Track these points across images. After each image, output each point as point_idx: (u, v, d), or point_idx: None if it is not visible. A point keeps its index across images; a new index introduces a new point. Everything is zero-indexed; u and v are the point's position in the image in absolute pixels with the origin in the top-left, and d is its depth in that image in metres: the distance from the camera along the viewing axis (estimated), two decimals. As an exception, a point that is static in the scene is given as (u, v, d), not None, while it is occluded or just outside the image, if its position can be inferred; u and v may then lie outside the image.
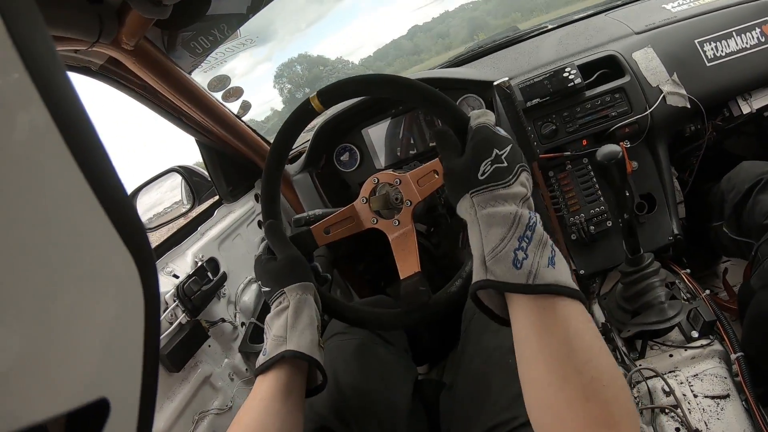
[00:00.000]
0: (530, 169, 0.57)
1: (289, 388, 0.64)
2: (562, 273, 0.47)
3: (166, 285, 1.00)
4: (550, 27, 1.47)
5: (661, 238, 1.23)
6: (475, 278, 0.50)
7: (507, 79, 1.04)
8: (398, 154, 1.35)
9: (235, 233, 1.19)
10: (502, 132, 0.57)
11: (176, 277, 1.01)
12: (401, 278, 0.73)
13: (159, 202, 1.29)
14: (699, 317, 1.00)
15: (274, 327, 0.68)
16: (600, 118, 1.19)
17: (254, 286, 1.17)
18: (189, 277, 1.01)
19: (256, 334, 1.11)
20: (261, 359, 0.65)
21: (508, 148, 0.54)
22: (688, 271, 1.16)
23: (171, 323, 0.90)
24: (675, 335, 1.03)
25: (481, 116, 0.59)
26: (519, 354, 0.48)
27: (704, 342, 0.98)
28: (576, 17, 1.46)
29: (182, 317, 0.80)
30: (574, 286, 0.47)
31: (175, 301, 0.92)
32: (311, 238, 0.80)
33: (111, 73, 1.02)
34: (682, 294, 1.09)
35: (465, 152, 0.57)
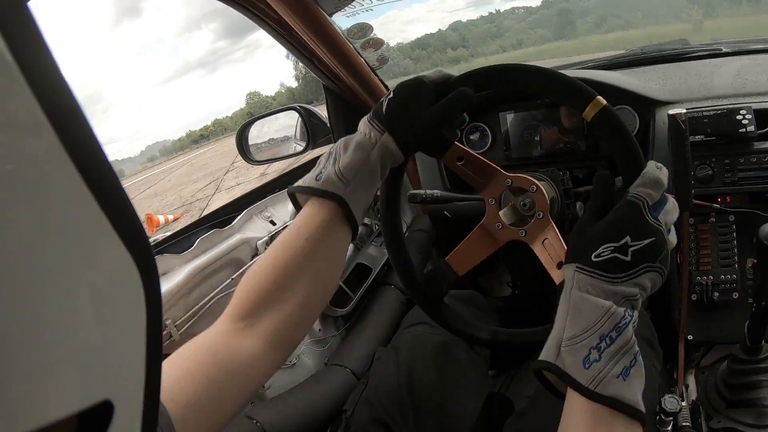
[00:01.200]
0: (680, 220, 0.52)
1: (327, 227, 0.58)
2: (632, 389, 0.45)
3: (261, 231, 0.96)
4: (725, 50, 1.34)
5: None
6: (544, 356, 0.48)
7: (685, 111, 0.94)
8: (530, 150, 1.27)
9: None
10: (659, 217, 0.49)
11: (273, 223, 0.97)
12: (557, 283, 0.66)
13: (266, 136, 1.27)
14: None
15: (344, 158, 0.59)
16: (763, 178, 1.06)
17: (350, 247, 1.13)
18: (287, 226, 0.97)
19: (338, 297, 1.06)
20: (309, 179, 0.59)
21: (646, 242, 0.47)
22: None
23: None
24: None
25: (646, 185, 0.50)
26: None
27: None
28: (757, 47, 1.33)
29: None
30: (641, 406, 0.45)
31: (266, 248, 0.89)
32: (450, 271, 0.75)
33: (248, 3, 0.98)
34: None
35: (603, 218, 0.51)
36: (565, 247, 0.67)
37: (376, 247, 1.21)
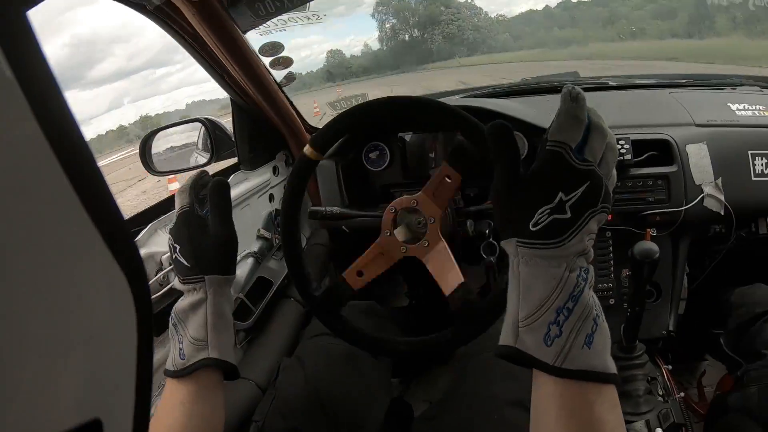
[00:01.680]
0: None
1: (211, 390, 0.62)
2: (599, 354, 0.42)
3: (165, 245, 0.95)
4: (611, 84, 1.44)
5: (656, 330, 1.23)
6: (503, 340, 0.45)
7: None
8: (426, 168, 1.31)
9: (245, 203, 1.15)
10: (585, 158, 0.44)
11: None
12: (447, 294, 0.73)
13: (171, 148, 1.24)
14: (669, 416, 1.01)
15: (190, 326, 0.61)
16: (637, 199, 1.17)
17: (250, 261, 1.13)
18: None
19: (241, 311, 1.08)
20: (178, 362, 0.60)
21: (580, 190, 0.43)
22: (670, 367, 1.17)
23: (161, 285, 0.86)
24: (640, 426, 1.04)
25: (563, 128, 0.44)
26: (534, 422, 0.46)
27: None
28: (639, 82, 1.43)
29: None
30: (611, 368, 0.42)
31: (171, 265, 0.89)
32: (346, 287, 0.78)
33: (165, 16, 0.98)
34: (659, 389, 1.10)
35: (524, 179, 0.45)
36: (454, 263, 0.74)
37: (277, 261, 1.23)
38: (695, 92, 1.40)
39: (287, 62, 1.18)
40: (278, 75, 1.19)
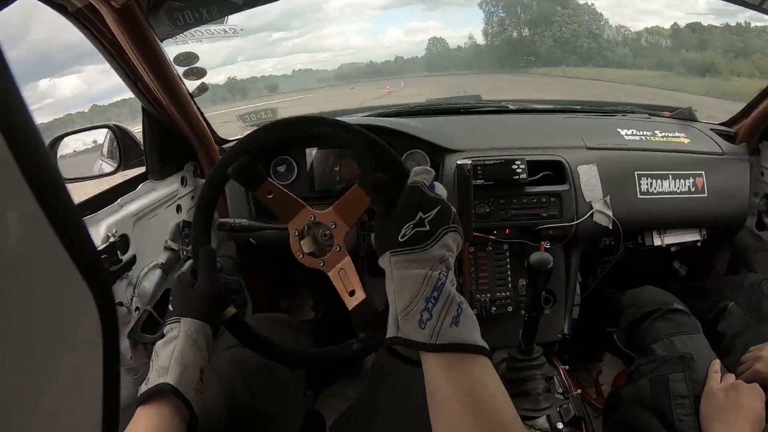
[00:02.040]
0: (462, 249, 0.60)
1: (173, 424, 0.64)
2: (466, 331, 0.51)
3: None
4: (511, 108, 1.54)
5: (552, 334, 1.33)
6: (388, 334, 0.54)
7: (470, 162, 1.08)
8: (332, 183, 1.35)
9: (152, 213, 1.14)
10: (436, 191, 0.60)
11: None
12: (350, 309, 0.76)
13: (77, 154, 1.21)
14: (569, 411, 1.09)
15: (161, 356, 0.68)
16: (532, 215, 1.27)
17: (157, 272, 1.13)
18: (99, 253, 0.96)
19: (148, 323, 1.08)
20: (142, 388, 0.66)
21: (435, 210, 0.57)
22: (567, 367, 1.27)
23: None
24: (542, 422, 1.11)
25: (419, 174, 0.62)
26: (430, 404, 0.52)
27: None
28: (538, 107, 1.54)
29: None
30: (480, 342, 0.51)
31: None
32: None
33: (85, 19, 0.98)
34: (558, 388, 1.19)
35: (395, 209, 0.59)
36: (357, 279, 0.78)
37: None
38: (588, 118, 1.52)
39: (201, 73, 1.18)
40: (191, 85, 1.19)
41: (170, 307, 0.74)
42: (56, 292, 0.21)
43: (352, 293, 0.77)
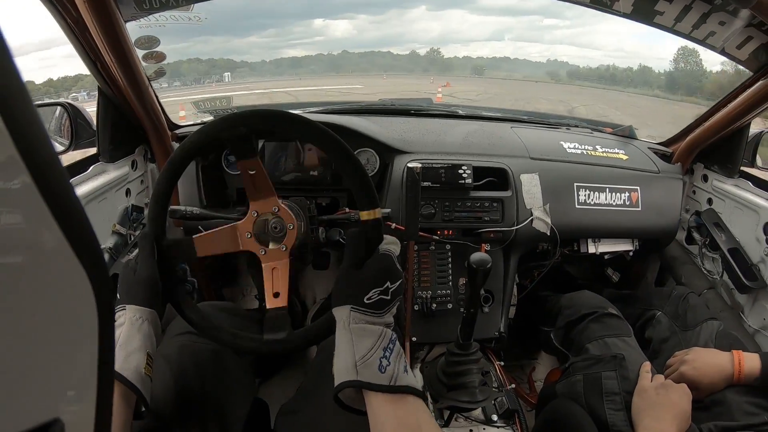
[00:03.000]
0: (406, 247, 0.67)
1: (119, 407, 0.66)
2: (411, 378, 0.62)
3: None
4: (461, 113, 1.60)
5: (489, 331, 1.40)
6: (343, 377, 0.60)
7: (420, 166, 1.13)
8: (282, 174, 1.37)
9: (102, 196, 1.14)
10: (399, 266, 0.69)
11: None
12: (267, 307, 0.80)
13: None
14: (504, 404, 1.17)
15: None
16: (474, 218, 1.34)
17: (105, 257, 1.14)
18: None
19: None
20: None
21: (398, 283, 0.67)
22: (502, 363, 1.35)
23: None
24: (478, 413, 1.20)
25: (391, 243, 0.71)
26: None
27: (501, 425, 1.15)
28: (486, 114, 1.61)
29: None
30: (420, 387, 0.62)
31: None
32: (192, 249, 0.82)
33: None
34: (493, 382, 1.26)
35: (365, 267, 0.67)
36: (287, 284, 0.81)
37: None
38: (534, 129, 1.60)
39: (160, 57, 1.19)
40: (149, 69, 1.20)
41: (117, 294, 0.76)
42: (54, 277, 0.21)
43: (276, 295, 0.81)
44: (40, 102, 1.17)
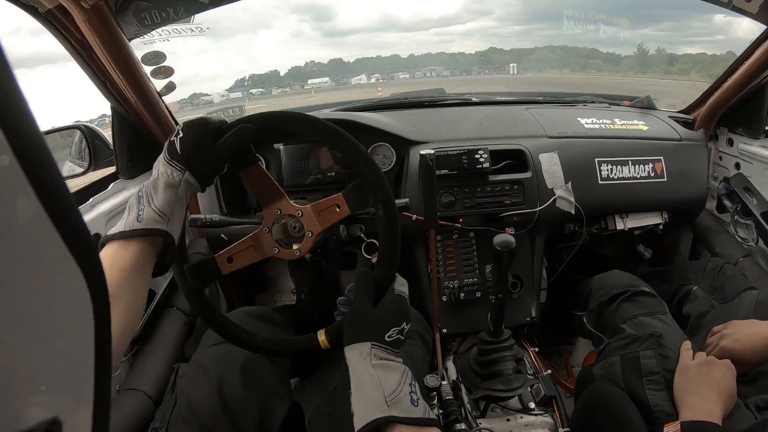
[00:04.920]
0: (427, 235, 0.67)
1: (148, 262, 0.66)
2: (431, 411, 0.64)
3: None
4: (474, 100, 1.58)
5: (520, 317, 1.37)
6: (373, 414, 0.60)
7: (433, 152, 1.11)
8: (302, 178, 1.37)
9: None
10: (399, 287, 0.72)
11: None
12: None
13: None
14: (540, 391, 1.12)
15: (158, 198, 0.66)
16: (495, 202, 1.31)
17: None
18: None
19: None
20: (134, 224, 0.64)
21: (410, 325, 0.69)
22: (537, 349, 1.31)
23: None
24: (514, 402, 1.15)
25: (403, 285, 0.73)
26: None
27: (539, 413, 1.11)
28: (499, 99, 1.58)
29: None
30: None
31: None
32: (216, 267, 0.82)
33: (55, 21, 1.00)
34: (528, 369, 1.23)
35: (381, 305, 0.69)
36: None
37: None
38: (549, 108, 1.57)
39: (168, 72, 1.20)
40: (159, 84, 1.21)
41: (178, 144, 0.69)
42: (47, 272, 0.21)
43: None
44: (56, 127, 1.19)
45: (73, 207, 0.21)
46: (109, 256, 0.63)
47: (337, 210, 0.79)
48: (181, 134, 0.70)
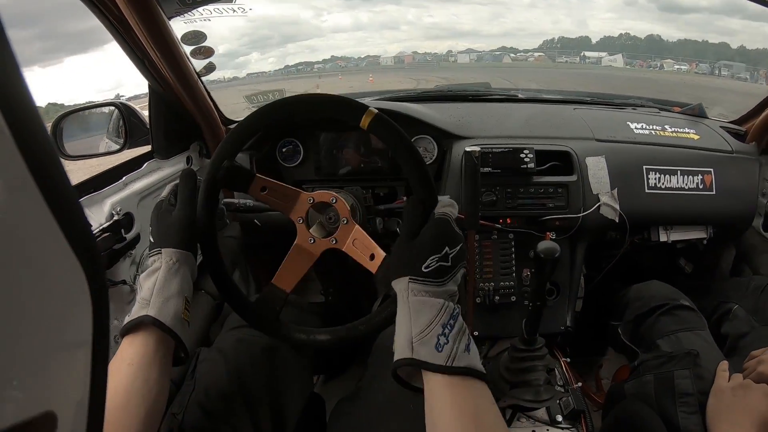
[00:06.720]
0: (466, 236, 0.62)
1: (158, 353, 0.65)
2: (475, 358, 0.56)
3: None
4: (521, 97, 1.53)
5: (555, 326, 1.32)
6: (399, 355, 0.56)
7: (479, 149, 1.07)
8: (336, 166, 1.34)
9: (158, 192, 1.13)
10: (457, 229, 0.63)
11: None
12: (374, 272, 0.76)
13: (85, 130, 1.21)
14: (569, 404, 1.10)
15: (143, 288, 0.68)
16: (538, 205, 1.26)
17: None
18: (103, 231, 0.94)
19: None
20: (126, 319, 0.66)
21: (458, 248, 0.61)
22: (568, 360, 1.27)
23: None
24: (541, 413, 1.13)
25: (447, 206, 0.65)
26: (430, 423, 0.55)
27: (566, 426, 1.07)
28: (546, 97, 1.52)
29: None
30: (483, 369, 0.55)
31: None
32: (279, 291, 0.81)
33: None
34: (558, 379, 1.19)
35: (420, 235, 0.62)
36: (372, 242, 0.77)
37: None
38: (598, 110, 1.51)
39: (209, 52, 1.18)
40: (198, 64, 1.18)
41: (150, 237, 0.73)
42: (48, 270, 0.20)
43: (372, 257, 0.76)
44: (93, 102, 1.17)
45: (74, 201, 0.21)
46: (117, 354, 0.65)
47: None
48: (150, 229, 0.74)
